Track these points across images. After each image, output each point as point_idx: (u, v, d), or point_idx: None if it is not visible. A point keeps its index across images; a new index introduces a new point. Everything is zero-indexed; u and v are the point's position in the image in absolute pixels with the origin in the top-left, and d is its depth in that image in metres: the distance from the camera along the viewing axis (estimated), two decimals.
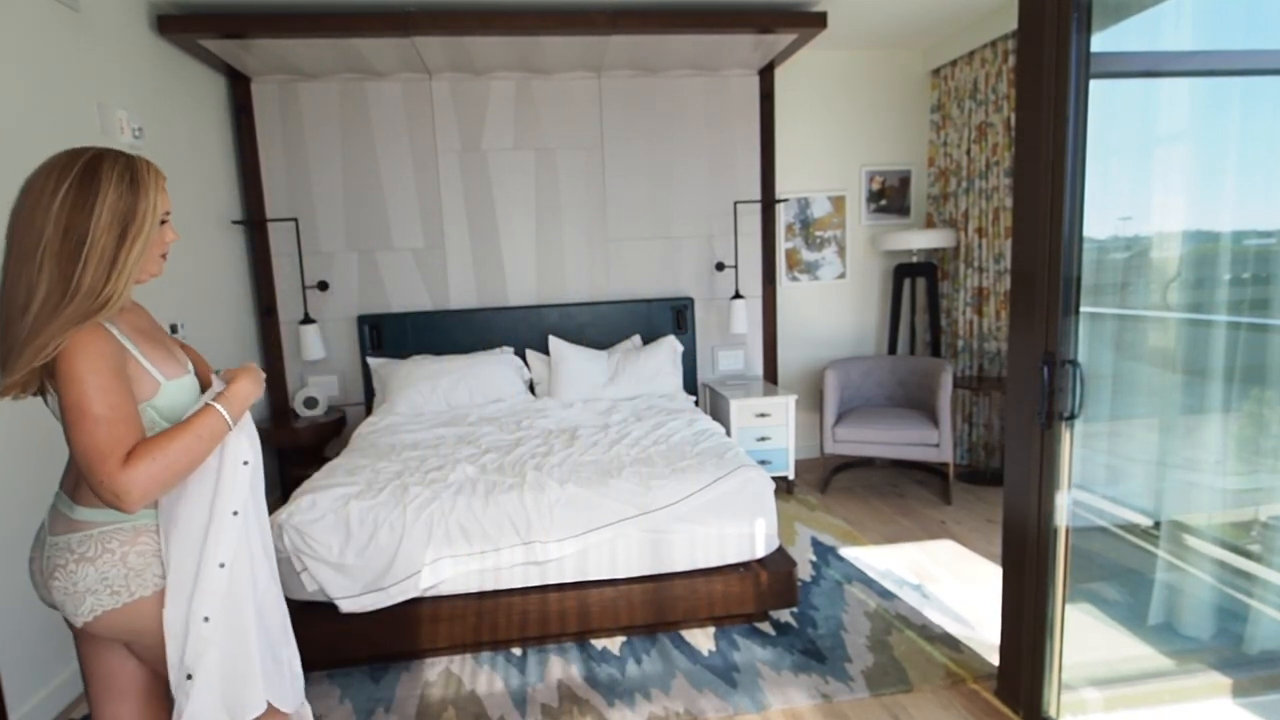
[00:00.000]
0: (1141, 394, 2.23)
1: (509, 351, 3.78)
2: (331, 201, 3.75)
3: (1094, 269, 1.96)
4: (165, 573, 1.20)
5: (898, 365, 3.98)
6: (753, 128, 4.02)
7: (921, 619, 2.46)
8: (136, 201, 1.12)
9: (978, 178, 3.87)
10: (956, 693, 2.07)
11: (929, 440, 3.48)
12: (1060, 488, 1.77)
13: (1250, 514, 2.12)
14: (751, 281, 4.13)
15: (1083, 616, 2.06)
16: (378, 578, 2.19)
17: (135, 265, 1.13)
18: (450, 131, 3.79)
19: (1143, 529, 2.21)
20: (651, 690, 2.13)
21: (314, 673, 2.27)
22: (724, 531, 2.37)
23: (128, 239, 1.11)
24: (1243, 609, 2.04)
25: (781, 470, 3.74)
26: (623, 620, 2.34)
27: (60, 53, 2.34)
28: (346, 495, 2.31)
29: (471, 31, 3.11)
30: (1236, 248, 2.02)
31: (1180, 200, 2.16)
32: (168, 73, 3.03)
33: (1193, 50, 2.04)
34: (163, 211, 1.18)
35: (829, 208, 4.27)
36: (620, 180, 3.95)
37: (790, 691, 2.09)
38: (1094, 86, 1.66)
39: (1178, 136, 2.17)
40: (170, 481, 1.12)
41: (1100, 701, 1.93)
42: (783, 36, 3.38)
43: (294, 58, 3.34)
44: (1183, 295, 2.11)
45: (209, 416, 1.17)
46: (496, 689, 2.16)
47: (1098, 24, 1.65)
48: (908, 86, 4.25)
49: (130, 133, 2.65)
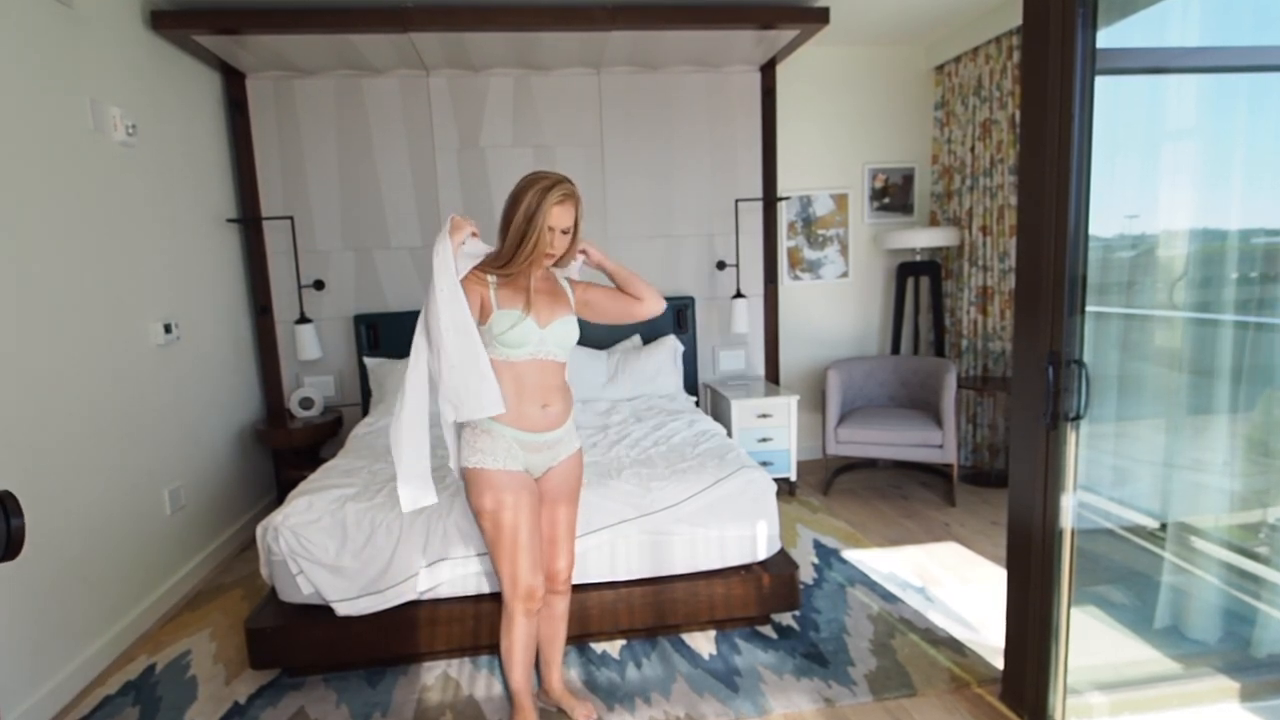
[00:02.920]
0: (1148, 394, 2.20)
1: None
2: (328, 199, 3.73)
3: (1100, 268, 1.93)
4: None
5: (901, 365, 3.95)
6: (754, 125, 3.98)
7: (925, 622, 2.44)
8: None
9: (982, 175, 3.84)
10: (961, 697, 2.05)
11: (932, 441, 3.45)
12: (1066, 489, 1.75)
13: (1258, 516, 2.10)
14: (753, 280, 4.10)
15: (1088, 620, 2.04)
16: (374, 580, 2.17)
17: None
18: (448, 128, 3.76)
19: (1149, 531, 2.18)
20: (652, 694, 2.11)
21: (310, 677, 2.25)
22: (725, 534, 2.34)
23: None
24: (1250, 612, 2.02)
25: (783, 472, 3.72)
26: (622, 623, 2.32)
27: (53, 49, 2.31)
28: (343, 497, 2.28)
29: (469, 27, 3.08)
30: (1244, 246, 2.00)
31: (1187, 198, 2.14)
32: (161, 69, 3.00)
33: (1200, 46, 2.01)
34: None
35: (831, 206, 4.24)
36: (620, 178, 3.92)
37: (792, 696, 2.07)
38: (1099, 83, 1.63)
39: (1184, 133, 2.15)
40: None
41: (1106, 706, 1.91)
42: (784, 32, 3.35)
43: (289, 54, 3.31)
44: (1190, 294, 2.09)
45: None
46: (495, 693, 2.14)
47: (1103, 19, 1.63)
48: (911, 83, 4.22)
49: (124, 130, 2.62)
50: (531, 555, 1.82)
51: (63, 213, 2.30)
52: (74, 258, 2.35)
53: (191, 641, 2.50)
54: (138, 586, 2.59)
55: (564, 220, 1.72)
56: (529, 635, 1.89)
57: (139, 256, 2.73)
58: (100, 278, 2.49)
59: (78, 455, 2.31)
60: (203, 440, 3.13)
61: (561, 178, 1.71)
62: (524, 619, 1.85)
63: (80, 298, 2.37)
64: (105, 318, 2.50)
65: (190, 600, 2.83)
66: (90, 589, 2.33)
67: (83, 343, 2.37)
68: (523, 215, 1.68)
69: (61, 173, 2.30)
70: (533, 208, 1.67)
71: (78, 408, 2.32)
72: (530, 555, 1.82)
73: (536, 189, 1.67)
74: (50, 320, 2.22)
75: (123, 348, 2.59)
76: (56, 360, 2.24)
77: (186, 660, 2.38)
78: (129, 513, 2.57)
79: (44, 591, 2.13)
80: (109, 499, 2.46)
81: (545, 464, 1.88)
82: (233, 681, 2.24)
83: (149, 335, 2.76)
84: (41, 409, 2.16)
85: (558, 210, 1.69)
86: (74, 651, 2.24)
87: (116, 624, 2.45)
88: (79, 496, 2.31)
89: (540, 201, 1.67)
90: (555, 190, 1.68)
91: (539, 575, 1.84)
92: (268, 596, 2.29)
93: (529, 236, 1.68)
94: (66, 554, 2.23)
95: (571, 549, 1.99)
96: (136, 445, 2.64)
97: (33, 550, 2.09)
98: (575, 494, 1.97)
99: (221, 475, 3.28)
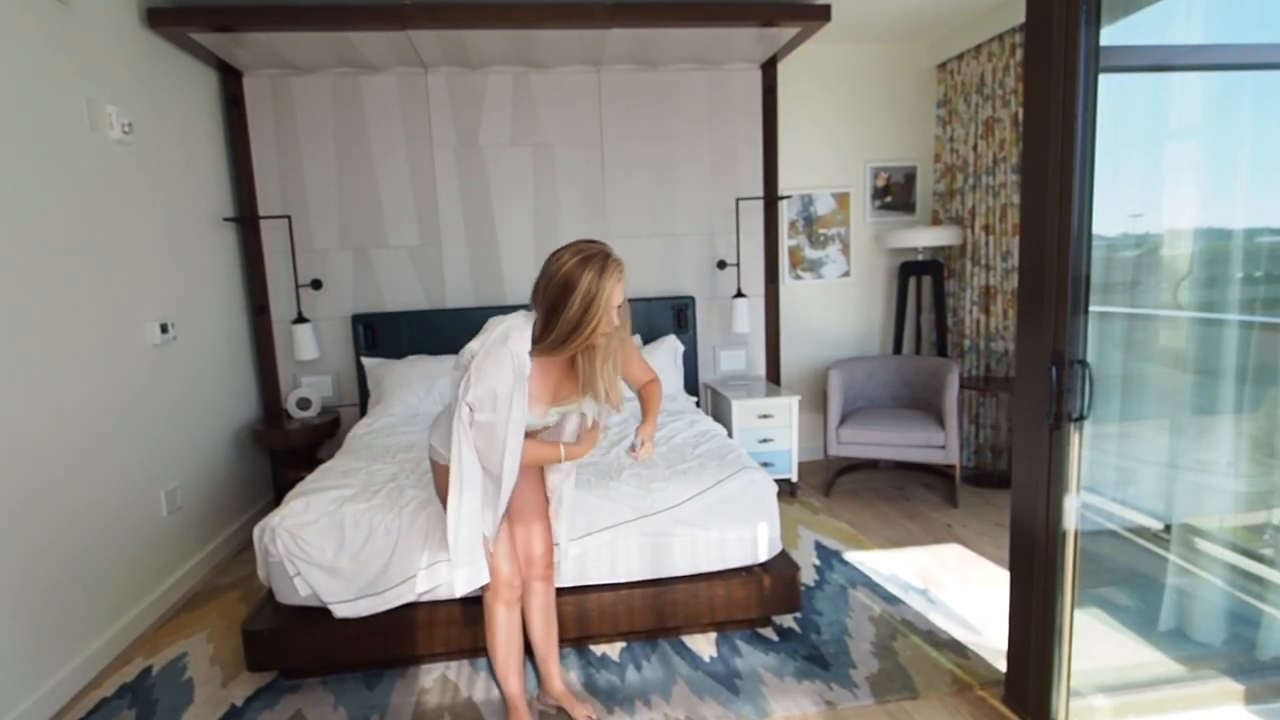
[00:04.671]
0: (1152, 395, 2.18)
1: None
2: (325, 198, 3.71)
3: (1103, 267, 1.91)
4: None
5: (903, 365, 3.93)
6: (755, 123, 3.96)
7: (927, 624, 2.42)
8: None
9: (984, 174, 3.82)
10: (963, 699, 2.04)
11: (935, 442, 3.43)
12: (1069, 490, 1.74)
13: (1263, 517, 2.08)
14: (754, 280, 4.08)
15: (1092, 622, 2.02)
16: (372, 582, 2.15)
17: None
18: (446, 127, 3.74)
19: (1153, 532, 2.17)
20: (652, 697, 2.09)
21: (307, 679, 2.23)
22: (726, 535, 2.33)
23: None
24: (1255, 614, 2.01)
25: (784, 472, 3.70)
26: (622, 625, 2.30)
27: (48, 47, 2.29)
28: (341, 498, 2.26)
29: (467, 24, 3.06)
30: (1249, 245, 1.98)
31: (1192, 197, 2.12)
32: (158, 67, 2.98)
33: (1205, 44, 1.99)
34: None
35: (833, 205, 4.22)
36: (620, 176, 3.90)
37: (794, 698, 2.06)
38: (1103, 81, 1.62)
39: (1189, 132, 2.13)
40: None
41: (1109, 708, 1.90)
42: (786, 30, 3.33)
43: (287, 51, 3.29)
44: (1194, 294, 2.07)
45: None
46: (494, 696, 2.13)
47: (1107, 17, 1.61)
48: (913, 81, 4.20)
49: (120, 129, 2.60)
50: (507, 548, 1.88)
51: (58, 212, 2.28)
52: (70, 257, 2.33)
53: (188, 643, 2.48)
54: (134, 588, 2.57)
55: (620, 296, 1.69)
56: (514, 628, 1.92)
57: (135, 256, 2.71)
58: (96, 277, 2.47)
59: (73, 456, 2.30)
60: (200, 441, 3.12)
61: (607, 251, 1.68)
62: (505, 610, 1.89)
63: (76, 297, 2.35)
64: (101, 318, 2.48)
65: (187, 602, 2.81)
66: (86, 591, 2.32)
67: (78, 343, 2.35)
68: (580, 303, 1.62)
69: (57, 172, 2.28)
70: (592, 293, 1.62)
71: (73, 408, 2.31)
72: (506, 548, 1.87)
73: (591, 272, 1.62)
74: (45, 320, 2.21)
75: (119, 348, 2.58)
76: (52, 360, 2.22)
77: (183, 662, 2.37)
78: (125, 514, 2.55)
79: (40, 593, 2.11)
80: (105, 500, 2.44)
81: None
82: (230, 684, 2.23)
83: (145, 335, 2.75)
84: (37, 409, 2.14)
85: (618, 289, 1.67)
86: (70, 654, 2.22)
87: (113, 626, 2.43)
88: (75, 497, 2.29)
89: (599, 285, 1.62)
90: (610, 269, 1.64)
91: (515, 565, 1.90)
92: (265, 598, 2.27)
93: (588, 322, 1.64)
94: (62, 555, 2.21)
95: (546, 534, 2.02)
96: (133, 446, 2.62)
97: (29, 551, 2.08)
98: (536, 476, 2.00)
99: (219, 476, 3.27)
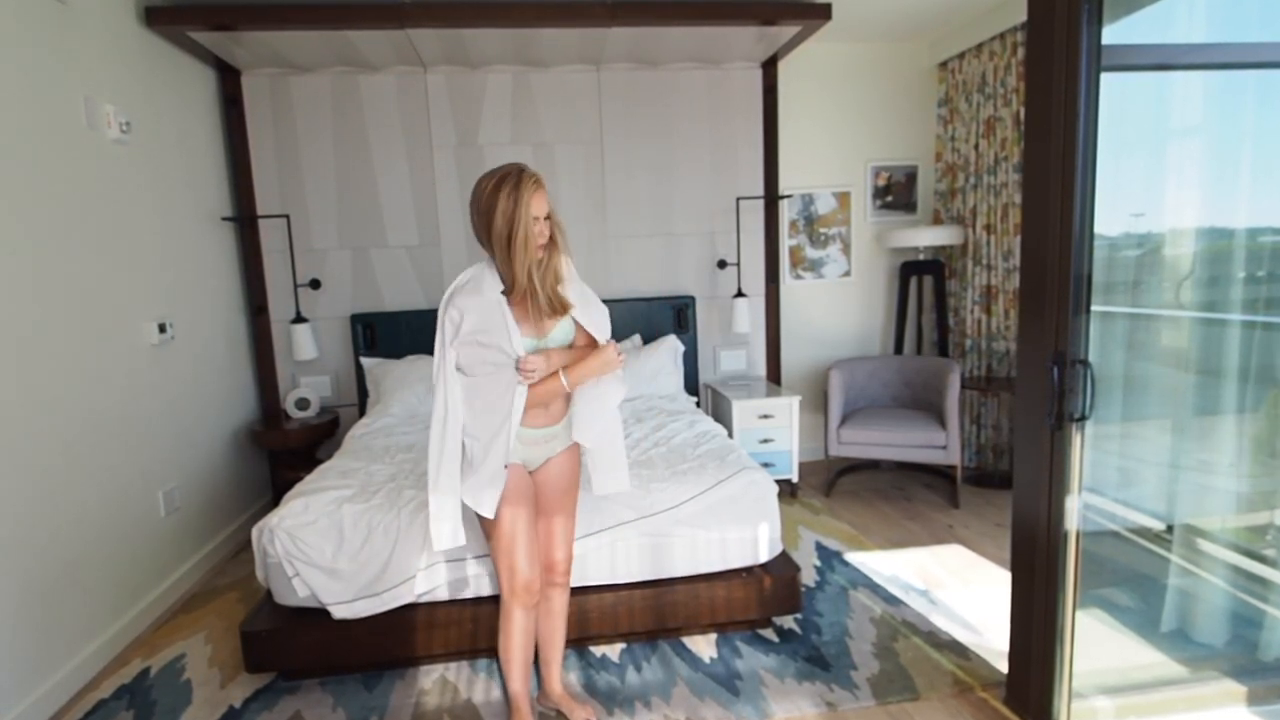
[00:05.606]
0: (1154, 395, 2.18)
1: None
2: (324, 197, 3.70)
3: (1105, 267, 1.90)
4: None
5: (904, 365, 3.92)
6: (755, 122, 3.95)
7: (928, 625, 2.42)
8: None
9: (986, 173, 3.81)
10: (964, 701, 2.03)
11: (936, 442, 3.42)
12: (1071, 491, 1.73)
13: (1266, 518, 2.08)
14: (754, 280, 4.07)
15: (1093, 623, 2.01)
16: (371, 583, 2.14)
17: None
18: (445, 126, 3.73)
19: (1155, 533, 2.16)
20: (652, 698, 2.09)
21: (306, 680, 2.23)
22: (726, 536, 2.32)
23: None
24: (1258, 615, 2.00)
25: (785, 473, 3.69)
26: (622, 626, 2.29)
27: (46, 46, 2.28)
28: (339, 499, 2.26)
29: (467, 23, 3.05)
30: (1252, 245, 1.97)
31: (1194, 196, 2.11)
32: (156, 66, 2.97)
33: (1207, 43, 1.98)
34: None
35: (834, 204, 4.21)
36: (620, 176, 3.89)
37: (794, 700, 2.05)
38: (1105, 80, 1.61)
39: (1191, 131, 2.12)
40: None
41: (1111, 710, 1.89)
42: (786, 29, 3.32)
43: (285, 50, 3.28)
44: (1196, 293, 2.06)
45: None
46: (493, 697, 2.12)
47: (1109, 16, 1.60)
48: (914, 80, 4.19)
49: (118, 127, 2.59)
50: (528, 548, 1.83)
51: (56, 211, 2.27)
52: (67, 257, 2.32)
53: (186, 645, 2.48)
54: (132, 589, 2.56)
55: (542, 207, 1.71)
56: (528, 632, 1.89)
57: (133, 255, 2.70)
58: (94, 277, 2.46)
59: (71, 456, 2.29)
60: (198, 441, 3.11)
61: (521, 166, 1.71)
62: (522, 613, 1.85)
63: (74, 297, 2.34)
64: (99, 317, 2.47)
65: (185, 603, 2.81)
66: (84, 592, 2.31)
67: (76, 342, 2.34)
68: (502, 220, 1.66)
69: (55, 171, 2.27)
70: (510, 208, 1.66)
71: (71, 408, 2.30)
72: (527, 548, 1.83)
73: (506, 189, 1.66)
74: (43, 320, 2.20)
75: (117, 347, 2.57)
76: (49, 360, 2.21)
77: (181, 664, 2.36)
78: (123, 515, 2.54)
79: (37, 594, 2.10)
80: (103, 501, 2.43)
81: (543, 456, 1.90)
82: (228, 685, 2.22)
83: (143, 335, 2.74)
84: (34, 409, 2.13)
85: (535, 200, 1.69)
86: (68, 655, 2.22)
87: (111, 627, 2.43)
88: (72, 498, 2.28)
89: (517, 196, 1.66)
90: (525, 182, 1.67)
91: (536, 568, 1.85)
92: (263, 599, 2.26)
93: (516, 237, 1.67)
94: (60, 556, 2.20)
95: (569, 540, 1.99)
96: (131, 446, 2.61)
97: (26, 552, 2.07)
98: (571, 485, 1.97)
99: (217, 477, 3.26)
